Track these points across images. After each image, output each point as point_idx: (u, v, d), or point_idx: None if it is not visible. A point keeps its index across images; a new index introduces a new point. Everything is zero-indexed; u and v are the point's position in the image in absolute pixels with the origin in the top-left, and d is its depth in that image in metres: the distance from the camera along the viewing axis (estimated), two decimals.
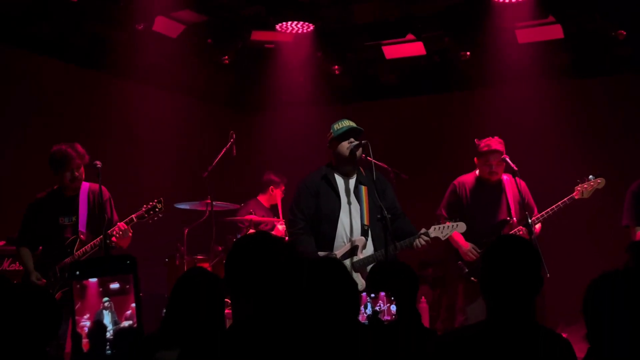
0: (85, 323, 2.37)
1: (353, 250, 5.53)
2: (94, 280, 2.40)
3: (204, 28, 8.02)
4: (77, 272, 2.41)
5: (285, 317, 2.58)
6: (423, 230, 5.68)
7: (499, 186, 6.59)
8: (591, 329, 2.64)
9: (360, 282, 5.36)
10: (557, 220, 8.03)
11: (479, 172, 6.63)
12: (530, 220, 6.03)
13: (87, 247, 5.87)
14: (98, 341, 2.35)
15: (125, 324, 2.40)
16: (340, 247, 5.58)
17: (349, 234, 5.60)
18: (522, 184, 6.60)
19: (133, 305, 2.46)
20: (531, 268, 3.04)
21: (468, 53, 8.37)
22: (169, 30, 7.77)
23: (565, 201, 6.36)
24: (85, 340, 2.40)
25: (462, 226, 5.85)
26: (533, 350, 2.91)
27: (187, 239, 7.76)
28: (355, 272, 5.46)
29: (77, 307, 2.36)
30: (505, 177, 6.61)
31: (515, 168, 6.25)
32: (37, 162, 7.61)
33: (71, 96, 8.12)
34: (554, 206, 6.26)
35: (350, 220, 5.63)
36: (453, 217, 6.02)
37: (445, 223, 5.79)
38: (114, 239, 5.87)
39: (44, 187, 6.20)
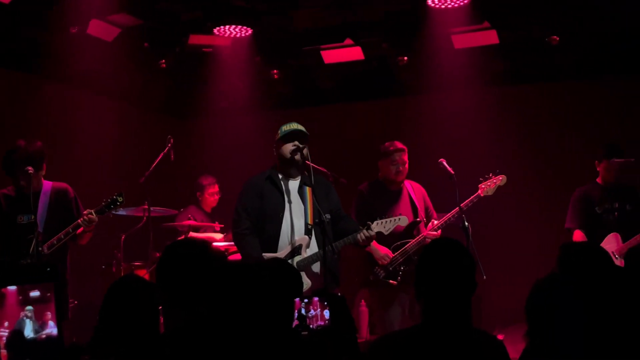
0: (4, 332, 2.29)
1: (297, 250, 5.59)
2: (13, 288, 2.32)
3: (140, 32, 7.91)
4: None
5: (218, 324, 2.56)
6: (367, 224, 5.76)
7: (402, 189, 6.71)
8: (533, 326, 2.67)
9: (306, 282, 5.41)
10: (494, 223, 8.18)
11: (384, 174, 6.74)
12: (466, 224, 6.11)
13: (54, 239, 5.69)
14: (17, 351, 2.27)
15: (46, 332, 2.33)
16: (284, 247, 5.62)
17: (293, 234, 5.64)
18: (422, 189, 6.78)
19: (49, 313, 2.39)
20: (466, 271, 3.06)
21: (405, 58, 8.42)
22: (104, 33, 7.63)
23: (472, 199, 6.50)
24: (3, 351, 2.32)
25: (404, 219, 5.95)
26: (467, 352, 2.93)
27: (124, 245, 7.66)
28: (300, 271, 5.47)
29: None
30: (407, 182, 6.75)
31: (452, 172, 6.32)
32: None
33: (5, 101, 7.93)
34: (462, 204, 6.35)
35: (294, 219, 5.68)
36: (363, 222, 6.08)
37: (386, 218, 5.83)
38: (80, 230, 5.77)
39: None
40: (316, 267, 5.58)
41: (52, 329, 2.40)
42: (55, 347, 2.37)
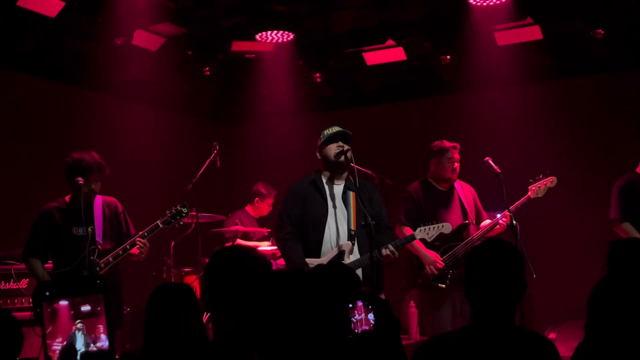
0: (57, 347, 2.34)
1: (340, 256, 5.52)
2: (64, 303, 2.36)
3: (184, 40, 8.02)
4: (47, 293, 2.37)
5: (268, 329, 2.57)
6: (410, 235, 5.76)
7: (453, 190, 6.64)
8: (592, 320, 2.65)
9: None
10: (543, 221, 8.10)
11: (438, 172, 6.62)
12: (514, 222, 6.06)
13: (110, 257, 5.74)
14: None
15: (97, 345, 2.37)
16: (327, 252, 5.58)
17: (336, 239, 5.60)
18: (473, 189, 6.71)
19: (101, 326, 2.43)
20: (515, 272, 3.03)
21: (448, 57, 8.38)
22: (148, 43, 7.76)
23: (523, 201, 6.42)
24: None
25: (447, 227, 5.87)
26: (517, 352, 2.91)
27: (174, 252, 7.74)
28: None
29: (48, 330, 2.33)
30: (456, 183, 6.68)
31: (498, 170, 6.27)
32: (19, 180, 7.61)
33: (52, 113, 8.09)
34: (511, 207, 6.27)
35: (337, 225, 5.62)
36: (412, 224, 6.01)
37: (430, 225, 5.80)
38: (135, 250, 5.81)
39: (31, 202, 6.14)
40: (359, 273, 5.52)
41: (103, 342, 2.44)
42: (106, 359, 2.41)
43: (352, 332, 2.66)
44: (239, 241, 8.07)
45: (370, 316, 2.74)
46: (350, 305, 2.72)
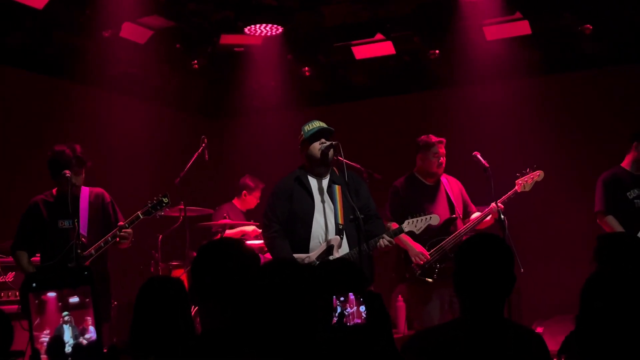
0: (45, 339, 2.32)
1: (329, 250, 5.50)
2: (52, 294, 2.34)
3: (172, 33, 7.98)
4: (34, 284, 2.34)
5: (256, 323, 2.56)
6: (397, 227, 5.73)
7: (439, 184, 6.65)
8: (584, 312, 2.66)
9: None
10: (530, 215, 8.12)
11: (424, 167, 6.61)
12: (502, 217, 6.06)
13: (92, 249, 5.72)
14: (57, 357, 2.30)
15: (86, 337, 2.36)
16: (316, 248, 5.56)
17: (324, 234, 5.58)
18: (460, 183, 6.73)
19: (89, 318, 2.41)
20: (504, 265, 3.04)
21: (437, 51, 8.39)
22: (136, 36, 7.72)
23: (510, 195, 6.42)
24: (44, 357, 2.35)
25: (435, 218, 5.84)
26: (506, 346, 2.92)
27: (162, 245, 7.72)
28: None
29: (36, 322, 2.31)
30: (443, 177, 6.68)
31: (487, 165, 6.27)
32: (6, 174, 7.57)
33: (39, 106, 8.03)
34: (499, 201, 6.27)
35: (325, 220, 5.61)
36: (398, 219, 6.01)
37: (418, 217, 5.79)
38: (122, 245, 5.85)
39: (17, 197, 6.11)
40: None
41: (92, 334, 2.43)
42: (94, 351, 2.40)
43: (344, 326, 2.66)
44: (228, 232, 8.04)
45: (362, 309, 2.74)
46: (343, 299, 2.71)
